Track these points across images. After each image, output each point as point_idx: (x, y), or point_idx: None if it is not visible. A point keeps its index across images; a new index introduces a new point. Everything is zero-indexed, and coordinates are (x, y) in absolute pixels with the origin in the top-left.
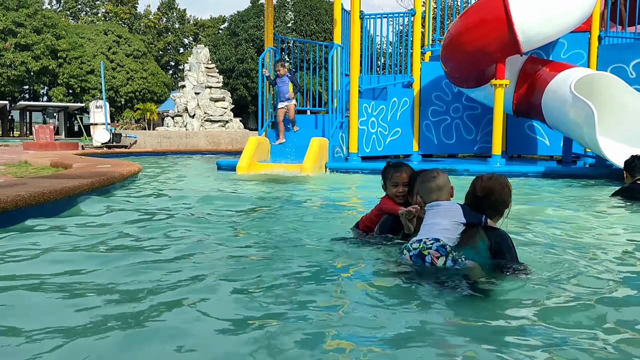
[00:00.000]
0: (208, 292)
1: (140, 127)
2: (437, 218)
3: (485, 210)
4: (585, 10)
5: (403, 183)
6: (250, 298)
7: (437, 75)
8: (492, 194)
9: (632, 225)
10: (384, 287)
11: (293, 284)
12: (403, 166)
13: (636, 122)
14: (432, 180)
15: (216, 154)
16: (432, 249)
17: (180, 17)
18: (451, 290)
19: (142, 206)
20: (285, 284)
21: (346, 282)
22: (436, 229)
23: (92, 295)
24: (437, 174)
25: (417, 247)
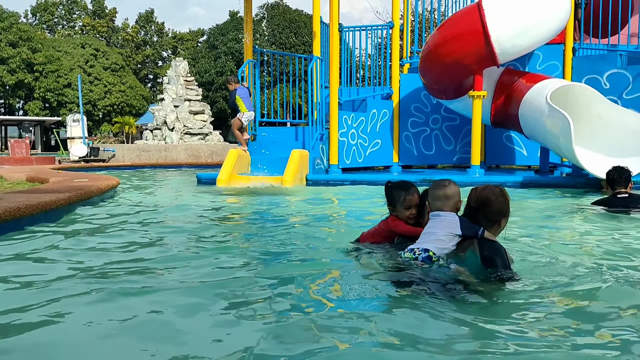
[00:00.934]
0: (193, 305)
1: (118, 141)
2: (434, 228)
3: (481, 220)
4: (559, 23)
5: (415, 205)
6: (235, 309)
7: (416, 87)
8: (487, 204)
9: (611, 233)
10: (376, 292)
11: (281, 292)
12: (411, 187)
13: (611, 132)
14: (442, 188)
15: (196, 167)
16: (419, 260)
17: (158, 30)
18: (441, 293)
19: (120, 221)
20: (269, 293)
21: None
22: (430, 238)
23: (68, 313)
24: (448, 183)
25: (408, 257)
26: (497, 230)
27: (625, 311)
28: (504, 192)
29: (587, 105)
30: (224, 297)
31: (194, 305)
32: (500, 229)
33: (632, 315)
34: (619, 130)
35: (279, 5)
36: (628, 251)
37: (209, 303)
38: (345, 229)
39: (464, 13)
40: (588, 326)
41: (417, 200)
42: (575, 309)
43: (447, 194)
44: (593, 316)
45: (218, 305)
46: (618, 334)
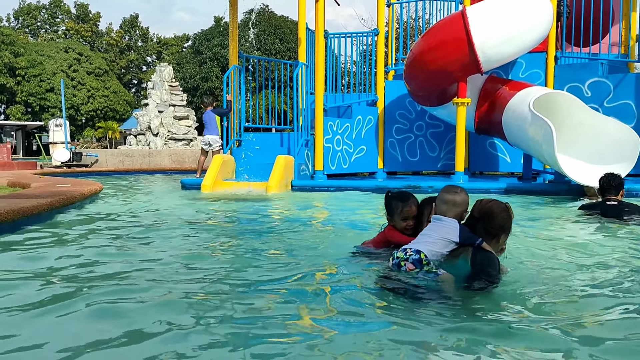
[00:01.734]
0: (181, 313)
1: (101, 146)
2: (432, 231)
3: (481, 232)
4: (542, 32)
5: (413, 217)
6: (220, 317)
7: (401, 94)
8: (490, 217)
9: (595, 239)
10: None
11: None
12: (410, 198)
13: (592, 139)
14: (453, 194)
15: (180, 173)
16: (409, 261)
17: (143, 35)
18: (419, 300)
19: (103, 226)
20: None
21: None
22: (424, 240)
23: (46, 318)
24: (460, 191)
25: (400, 256)
26: (495, 245)
27: (613, 316)
28: (509, 209)
29: (569, 113)
30: (203, 305)
31: (172, 313)
32: (499, 245)
33: (621, 320)
34: (600, 137)
35: (264, 12)
36: (607, 257)
37: (190, 313)
38: (331, 235)
39: (448, 21)
40: (581, 337)
41: (414, 212)
42: (568, 320)
43: (456, 201)
44: (585, 326)
45: (196, 313)
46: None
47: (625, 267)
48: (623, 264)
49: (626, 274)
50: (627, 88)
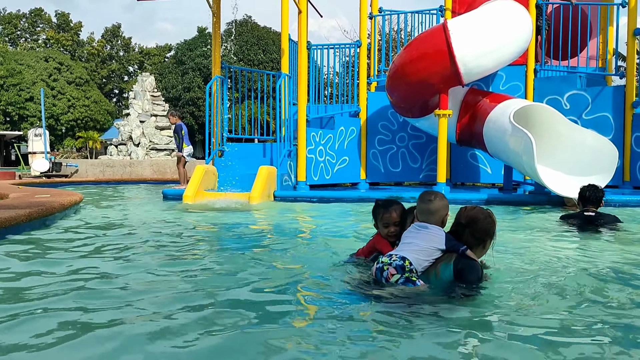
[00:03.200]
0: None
1: (81, 156)
2: (417, 239)
3: (467, 238)
4: (521, 45)
5: (394, 223)
6: (200, 321)
7: (383, 105)
8: (475, 222)
9: (572, 248)
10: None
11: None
12: (393, 205)
13: (571, 151)
14: (428, 203)
15: (162, 183)
16: (392, 266)
17: (125, 44)
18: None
19: (83, 237)
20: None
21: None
22: (410, 248)
23: (19, 341)
24: (433, 198)
25: (384, 261)
26: (481, 251)
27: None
28: (492, 215)
29: (548, 124)
30: (182, 316)
31: (150, 325)
32: (484, 251)
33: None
34: (578, 149)
35: (247, 23)
36: (588, 266)
37: (170, 325)
38: (313, 245)
39: (430, 33)
40: (560, 344)
41: (395, 218)
42: (548, 329)
43: (431, 209)
44: (566, 334)
45: (175, 325)
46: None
47: (602, 275)
48: (600, 272)
49: (604, 282)
50: (604, 101)
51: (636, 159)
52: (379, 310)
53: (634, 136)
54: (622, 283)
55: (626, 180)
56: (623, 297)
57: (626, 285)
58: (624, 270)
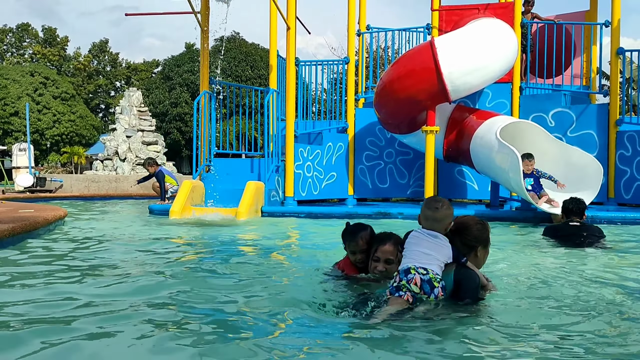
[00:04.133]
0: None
1: (66, 171)
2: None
3: (458, 246)
4: (508, 63)
5: (360, 250)
6: (182, 341)
7: (371, 122)
8: (465, 229)
9: (558, 261)
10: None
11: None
12: (360, 232)
13: (557, 168)
14: (435, 210)
15: (148, 199)
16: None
17: (112, 60)
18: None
19: (67, 253)
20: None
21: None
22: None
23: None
24: (440, 206)
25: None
26: (474, 259)
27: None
28: (484, 222)
29: (534, 141)
30: (166, 332)
31: (133, 344)
32: (479, 261)
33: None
34: (564, 166)
35: (235, 39)
36: (569, 276)
37: (153, 340)
38: (299, 261)
39: (417, 51)
40: None
41: (362, 246)
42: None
43: (437, 217)
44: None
45: (158, 341)
46: None
47: (585, 285)
48: (584, 283)
49: (589, 293)
50: (589, 118)
51: (620, 176)
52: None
53: (618, 153)
54: (617, 295)
55: (611, 197)
56: (618, 309)
57: (624, 297)
58: (615, 284)
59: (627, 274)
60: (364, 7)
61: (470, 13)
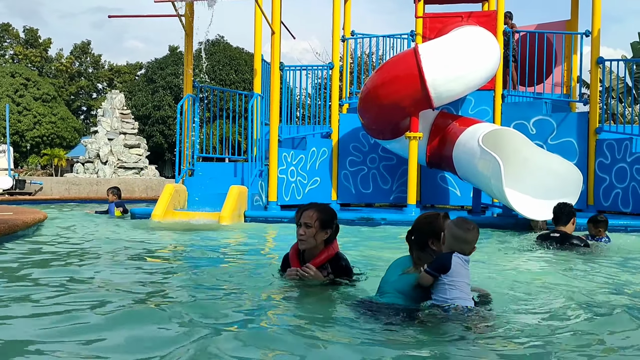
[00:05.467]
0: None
1: (46, 174)
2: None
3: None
4: (490, 70)
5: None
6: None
7: (355, 127)
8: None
9: (538, 267)
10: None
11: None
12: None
13: (538, 175)
14: (466, 231)
15: (130, 202)
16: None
17: (94, 62)
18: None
19: (46, 257)
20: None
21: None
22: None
23: None
24: (472, 227)
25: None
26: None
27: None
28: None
29: (515, 148)
30: (143, 335)
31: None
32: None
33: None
34: (545, 173)
35: (219, 42)
36: (547, 283)
37: (130, 342)
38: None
39: (401, 57)
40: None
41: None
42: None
43: (468, 239)
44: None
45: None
46: None
47: (564, 291)
48: (564, 290)
49: (567, 300)
50: (569, 126)
51: (599, 183)
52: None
53: (597, 161)
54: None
55: (590, 204)
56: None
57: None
58: (596, 293)
59: (597, 279)
60: (348, 13)
61: (454, 21)
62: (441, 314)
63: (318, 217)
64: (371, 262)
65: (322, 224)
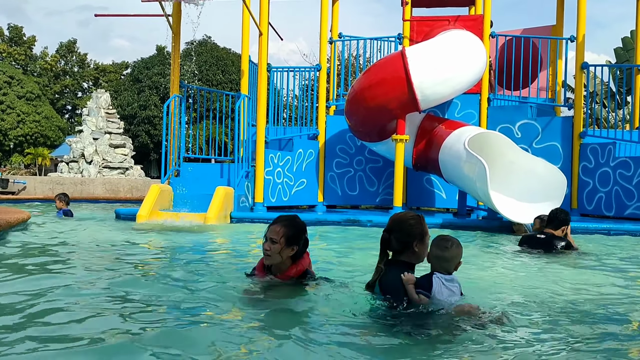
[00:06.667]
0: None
1: (30, 173)
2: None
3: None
4: (476, 74)
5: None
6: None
7: (342, 129)
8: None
9: (520, 269)
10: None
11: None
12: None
13: (522, 178)
14: (444, 250)
15: (115, 202)
16: None
17: (80, 60)
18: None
19: (29, 257)
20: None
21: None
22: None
23: None
24: (450, 245)
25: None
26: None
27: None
28: (417, 218)
29: (501, 152)
30: (126, 335)
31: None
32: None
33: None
34: (529, 176)
35: (206, 43)
36: (529, 285)
37: (112, 343)
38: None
39: (388, 60)
40: None
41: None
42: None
43: (446, 257)
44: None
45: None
46: None
47: (542, 293)
48: (544, 291)
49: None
50: (554, 130)
51: (583, 187)
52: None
53: (581, 165)
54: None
55: (574, 208)
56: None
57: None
58: (577, 295)
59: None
60: (336, 15)
61: (441, 24)
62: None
63: (284, 233)
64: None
65: (287, 240)
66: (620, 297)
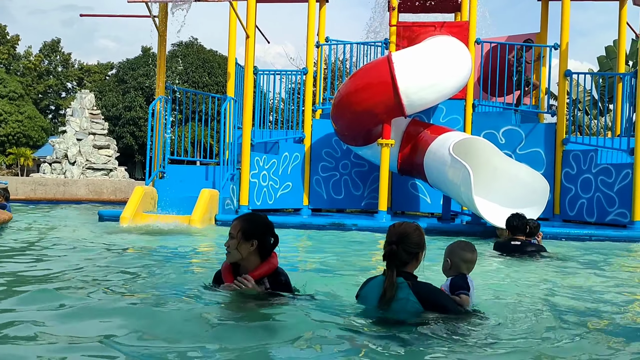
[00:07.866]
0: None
1: (12, 173)
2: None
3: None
4: (461, 80)
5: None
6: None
7: (327, 133)
8: (406, 237)
9: (504, 274)
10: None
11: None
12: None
13: (506, 184)
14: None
15: (98, 204)
16: None
17: (64, 60)
18: None
19: (10, 259)
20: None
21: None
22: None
23: None
24: (475, 249)
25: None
26: (415, 265)
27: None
28: (419, 227)
29: (485, 158)
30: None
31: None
32: (418, 264)
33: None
34: (513, 182)
35: (193, 45)
36: (511, 289)
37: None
38: None
39: (375, 65)
40: None
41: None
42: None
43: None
44: None
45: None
46: None
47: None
48: (521, 296)
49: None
50: (537, 137)
51: (566, 193)
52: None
53: (564, 171)
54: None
55: (556, 214)
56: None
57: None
58: (556, 298)
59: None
60: (323, 19)
61: (427, 30)
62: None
63: (241, 227)
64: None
65: (244, 234)
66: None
